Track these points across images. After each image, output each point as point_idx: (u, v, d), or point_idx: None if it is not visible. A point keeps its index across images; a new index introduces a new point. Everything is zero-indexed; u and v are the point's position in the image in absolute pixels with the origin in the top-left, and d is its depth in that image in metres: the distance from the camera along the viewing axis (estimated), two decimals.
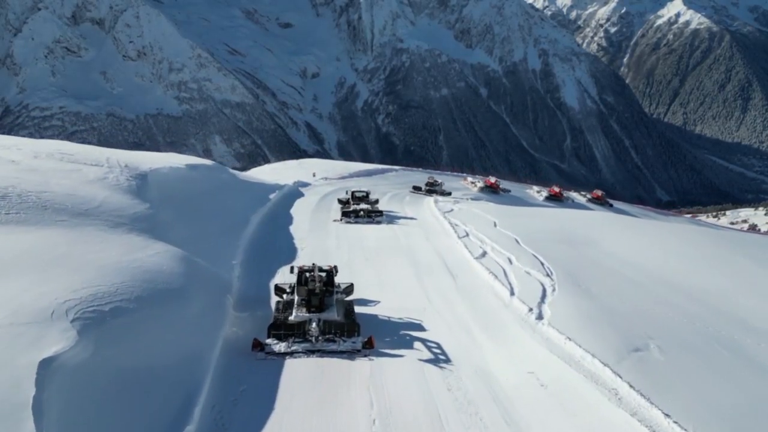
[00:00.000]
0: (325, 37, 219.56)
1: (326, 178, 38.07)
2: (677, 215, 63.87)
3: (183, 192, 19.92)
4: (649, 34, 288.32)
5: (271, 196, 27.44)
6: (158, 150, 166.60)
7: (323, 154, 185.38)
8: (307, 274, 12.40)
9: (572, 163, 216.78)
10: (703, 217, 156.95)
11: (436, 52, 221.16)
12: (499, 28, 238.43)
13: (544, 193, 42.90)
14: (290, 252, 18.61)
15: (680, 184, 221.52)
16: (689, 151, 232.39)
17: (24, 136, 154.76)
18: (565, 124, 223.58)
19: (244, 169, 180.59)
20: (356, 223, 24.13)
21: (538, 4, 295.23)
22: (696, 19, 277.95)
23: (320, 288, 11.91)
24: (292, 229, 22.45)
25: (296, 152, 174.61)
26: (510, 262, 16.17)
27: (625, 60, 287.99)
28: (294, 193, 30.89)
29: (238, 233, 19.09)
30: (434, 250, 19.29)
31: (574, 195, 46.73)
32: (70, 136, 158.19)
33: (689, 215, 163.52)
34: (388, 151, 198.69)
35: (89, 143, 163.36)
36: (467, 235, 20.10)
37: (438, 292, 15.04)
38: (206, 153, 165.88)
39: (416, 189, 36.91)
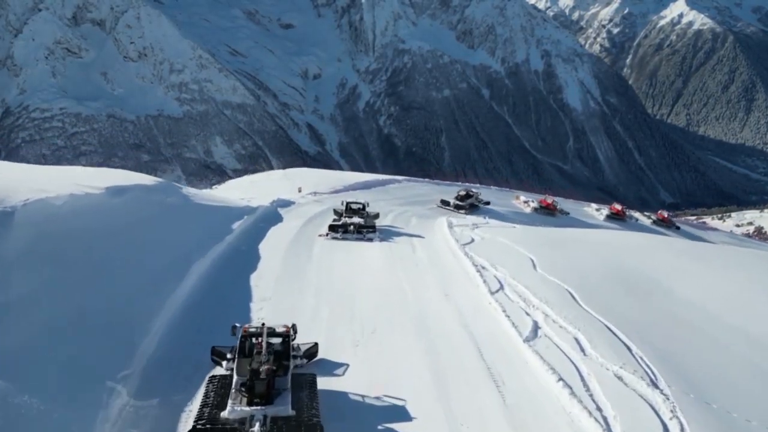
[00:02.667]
0: (326, 38, 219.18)
1: (315, 193, 33.02)
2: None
3: (85, 234, 13.13)
4: (651, 34, 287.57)
5: (236, 224, 21.00)
6: (159, 152, 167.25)
7: (324, 156, 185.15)
8: (253, 340, 9.38)
9: (575, 164, 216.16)
10: (708, 219, 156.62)
11: (438, 52, 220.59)
12: (501, 29, 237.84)
13: (605, 212, 39.37)
14: (239, 321, 12.18)
15: (684, 186, 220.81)
16: (692, 153, 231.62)
17: (24, 137, 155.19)
18: (567, 125, 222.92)
19: (244, 171, 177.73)
20: (344, 239, 21.14)
21: (541, 5, 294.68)
22: (699, 20, 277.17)
23: (268, 369, 8.59)
24: (254, 279, 15.69)
25: (297, 153, 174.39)
26: (579, 345, 11.19)
27: (627, 61, 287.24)
28: (270, 217, 24.81)
29: (163, 296, 12.83)
30: (458, 316, 13.68)
31: (637, 215, 43.01)
32: (71, 138, 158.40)
33: (693, 217, 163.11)
34: (390, 153, 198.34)
35: (90, 144, 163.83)
36: (501, 286, 14.94)
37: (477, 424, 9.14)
38: (207, 154, 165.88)
39: (444, 204, 32.88)
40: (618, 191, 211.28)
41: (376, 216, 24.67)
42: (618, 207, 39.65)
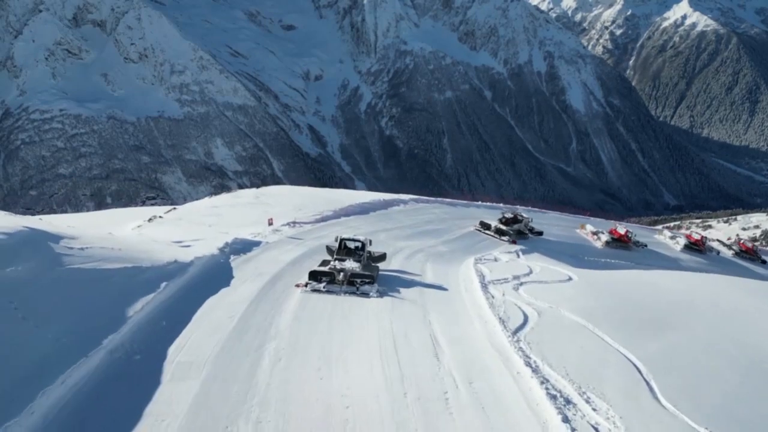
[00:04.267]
0: (328, 40, 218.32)
1: (294, 224, 24.24)
2: None
3: None
4: (655, 36, 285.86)
5: (142, 303, 12.14)
6: (159, 154, 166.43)
7: (326, 158, 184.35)
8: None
9: (578, 166, 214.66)
10: (713, 222, 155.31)
11: (440, 54, 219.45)
12: (503, 30, 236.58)
13: (681, 241, 33.88)
14: None
15: (688, 188, 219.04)
16: (696, 155, 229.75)
17: (24, 139, 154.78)
18: (570, 127, 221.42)
19: (245, 173, 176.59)
20: (328, 292, 15.66)
21: (543, 6, 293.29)
22: (702, 21, 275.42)
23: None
24: (149, 424, 8.56)
25: (299, 155, 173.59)
26: None
27: (630, 62, 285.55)
28: (211, 277, 15.93)
29: None
30: None
31: (715, 244, 37.06)
32: (71, 139, 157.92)
33: (699, 220, 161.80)
34: (392, 155, 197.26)
35: (90, 146, 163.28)
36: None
37: None
38: (208, 156, 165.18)
39: (484, 227, 27.80)
40: (622, 193, 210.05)
41: (382, 258, 19.11)
42: (695, 236, 34.23)
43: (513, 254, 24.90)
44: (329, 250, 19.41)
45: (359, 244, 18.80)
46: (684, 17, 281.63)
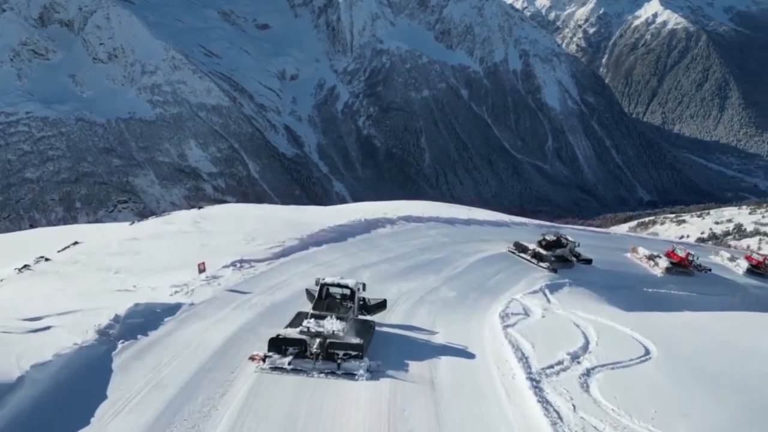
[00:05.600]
0: (303, 39, 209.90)
1: (240, 264, 17.09)
2: None
3: None
4: (627, 34, 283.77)
5: None
6: (131, 157, 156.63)
7: (303, 158, 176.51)
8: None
9: (554, 163, 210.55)
10: (687, 217, 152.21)
11: (417, 53, 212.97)
12: (479, 29, 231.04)
13: (743, 264, 29.76)
14: None
15: (661, 184, 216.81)
16: (669, 151, 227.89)
17: None
18: (546, 124, 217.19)
19: (220, 175, 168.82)
20: (296, 371, 10.93)
21: (518, 5, 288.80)
22: (673, 20, 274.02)
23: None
24: None
25: (275, 156, 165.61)
26: None
27: (604, 60, 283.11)
28: (61, 401, 8.92)
29: None
30: None
31: None
32: (38, 142, 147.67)
33: (673, 215, 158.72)
34: (370, 154, 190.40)
35: (58, 149, 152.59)
36: None
37: None
38: (181, 158, 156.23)
39: (519, 249, 23.00)
40: (597, 190, 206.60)
41: (380, 306, 14.02)
42: (758, 258, 30.19)
43: (539, 293, 18.27)
44: (309, 294, 13.86)
45: (347, 292, 13.34)
46: (655, 15, 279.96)
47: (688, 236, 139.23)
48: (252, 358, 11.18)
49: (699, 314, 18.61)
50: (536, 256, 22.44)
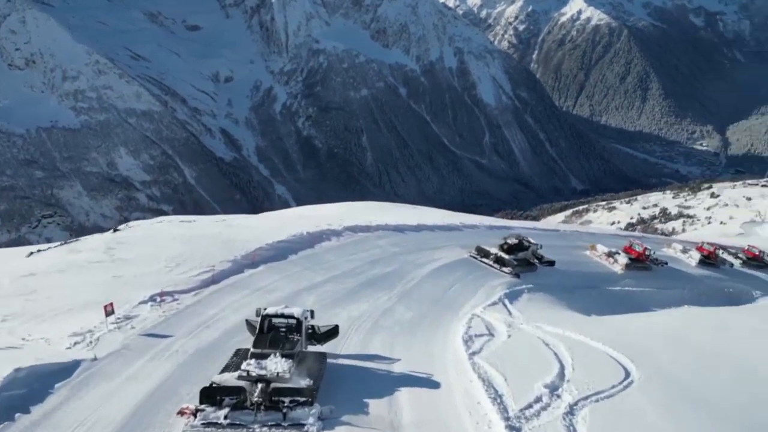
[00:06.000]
0: (236, 40, 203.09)
1: (161, 298, 14.34)
2: None
3: None
4: (554, 31, 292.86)
5: None
6: (55, 168, 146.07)
7: (241, 162, 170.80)
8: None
9: (492, 158, 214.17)
10: (617, 204, 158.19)
11: (354, 52, 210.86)
12: (414, 28, 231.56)
13: (696, 256, 29.63)
14: None
15: (592, 173, 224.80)
16: (597, 141, 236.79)
17: None
18: (483, 120, 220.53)
19: (153, 183, 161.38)
20: (233, 426, 9.13)
21: (450, 3, 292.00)
22: (596, 16, 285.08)
23: None
24: None
25: (212, 160, 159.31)
26: None
27: (534, 56, 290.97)
28: None
29: None
30: None
31: (726, 256, 32.32)
32: None
33: (604, 202, 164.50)
34: (311, 155, 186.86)
35: None
36: None
37: None
38: (111, 167, 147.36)
39: (481, 253, 21.85)
40: (534, 182, 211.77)
41: (332, 334, 12.23)
42: (708, 248, 30.22)
43: (499, 304, 16.89)
44: (250, 326, 11.83)
45: (293, 322, 11.43)
46: (579, 12, 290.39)
47: (618, 222, 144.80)
48: (181, 413, 9.25)
49: (667, 317, 17.79)
50: (499, 260, 21.32)
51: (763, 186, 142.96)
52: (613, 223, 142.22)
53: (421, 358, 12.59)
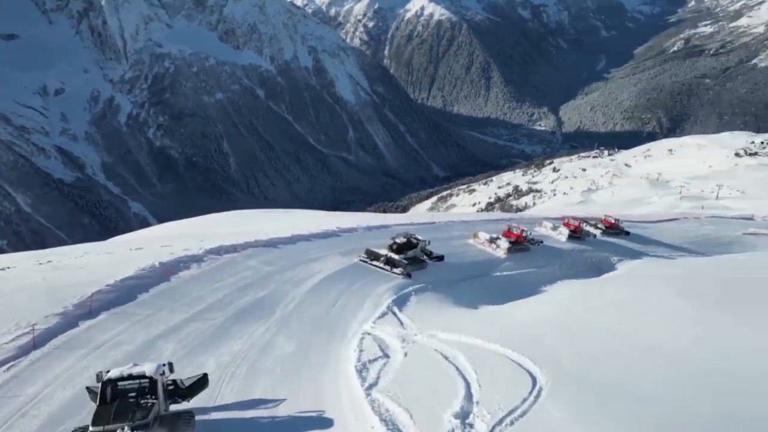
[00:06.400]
0: (64, 47, 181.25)
1: None
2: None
3: None
4: (402, 26, 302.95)
5: None
6: None
7: (86, 181, 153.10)
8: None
9: (358, 153, 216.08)
10: (476, 186, 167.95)
11: (202, 55, 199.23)
12: (264, 28, 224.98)
13: (565, 231, 30.58)
14: None
15: (450, 160, 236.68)
16: (452, 130, 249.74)
17: None
18: (345, 117, 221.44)
19: None
20: None
21: (298, 2, 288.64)
22: (438, 11, 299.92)
23: None
24: None
25: (49, 183, 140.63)
26: None
27: (386, 52, 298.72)
28: None
29: None
30: None
31: (590, 228, 33.52)
32: None
33: (465, 186, 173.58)
34: (167, 167, 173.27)
35: None
36: None
37: None
38: None
39: (371, 256, 20.56)
40: (400, 173, 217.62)
41: (199, 385, 10.08)
42: (573, 223, 31.45)
43: (389, 314, 15.49)
44: (92, 394, 9.45)
45: (145, 383, 9.11)
46: (422, 8, 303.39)
47: (479, 202, 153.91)
48: None
49: (547, 302, 17.61)
50: (389, 262, 20.28)
51: (594, 157, 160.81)
52: (474, 204, 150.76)
53: (311, 402, 10.57)
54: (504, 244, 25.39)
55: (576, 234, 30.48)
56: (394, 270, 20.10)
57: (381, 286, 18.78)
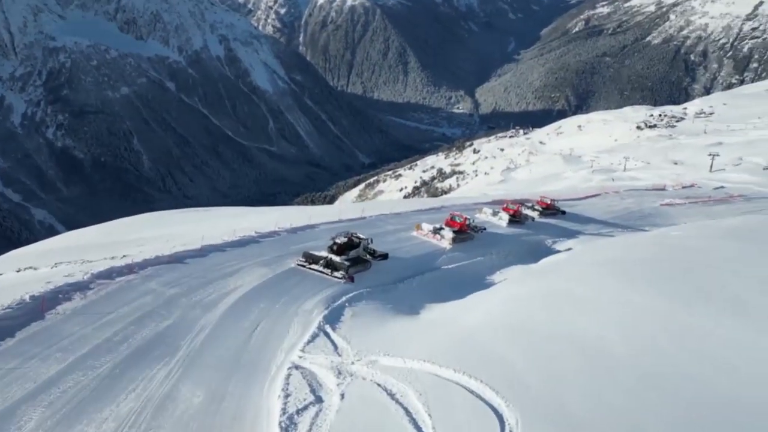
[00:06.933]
0: None
1: None
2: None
3: None
4: (315, 13, 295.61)
5: None
6: None
7: None
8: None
9: (280, 144, 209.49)
10: (402, 171, 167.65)
11: (102, 47, 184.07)
12: (168, 16, 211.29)
13: (505, 217, 29.89)
14: None
15: (375, 146, 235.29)
16: (374, 116, 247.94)
17: None
18: (263, 107, 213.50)
19: None
20: None
21: None
22: None
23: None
24: None
25: None
26: None
27: (301, 39, 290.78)
28: None
29: None
30: None
31: (528, 212, 33.04)
32: None
33: (391, 171, 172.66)
34: (72, 169, 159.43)
35: None
36: None
37: None
38: None
39: (309, 259, 18.50)
40: (325, 162, 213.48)
41: None
42: (512, 207, 30.76)
43: (320, 336, 13.13)
44: None
45: None
46: None
47: (406, 187, 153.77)
48: None
49: (503, 298, 15.81)
50: (329, 265, 18.24)
51: (510, 137, 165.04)
52: (401, 189, 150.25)
53: None
54: (448, 234, 24.18)
55: (516, 218, 29.77)
56: (335, 274, 18.01)
57: (310, 299, 16.24)
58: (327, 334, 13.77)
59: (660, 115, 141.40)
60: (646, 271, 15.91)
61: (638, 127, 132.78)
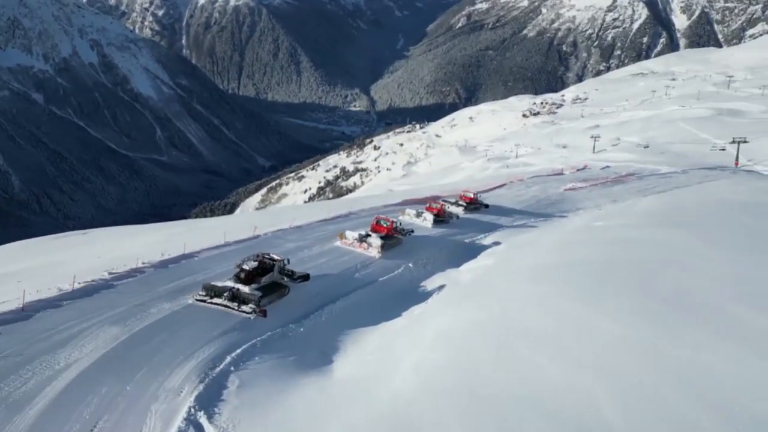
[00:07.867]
0: None
1: None
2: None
3: None
4: (197, 14, 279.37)
5: None
6: None
7: None
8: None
9: (171, 153, 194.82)
10: (305, 172, 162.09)
11: None
12: (29, 22, 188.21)
13: (429, 217, 27.46)
14: None
15: (273, 149, 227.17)
16: (271, 118, 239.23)
17: None
18: (148, 115, 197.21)
19: None
20: None
21: None
22: None
23: None
24: None
25: None
26: None
27: (184, 42, 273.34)
28: None
29: None
30: None
31: (452, 209, 30.78)
32: None
33: (293, 174, 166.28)
34: None
35: None
36: None
37: None
38: None
39: (211, 292, 14.31)
40: (222, 168, 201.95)
41: None
42: (435, 206, 28.33)
43: None
44: None
45: None
46: None
47: (310, 188, 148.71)
48: None
49: (441, 333, 12.00)
50: (235, 297, 14.20)
51: (408, 132, 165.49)
52: (306, 191, 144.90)
53: None
54: (376, 241, 21.23)
55: (440, 217, 27.32)
56: (243, 308, 14.09)
57: (179, 369, 11.54)
58: (199, 430, 9.28)
59: (542, 103, 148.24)
60: (603, 281, 13.09)
61: (524, 115, 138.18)
